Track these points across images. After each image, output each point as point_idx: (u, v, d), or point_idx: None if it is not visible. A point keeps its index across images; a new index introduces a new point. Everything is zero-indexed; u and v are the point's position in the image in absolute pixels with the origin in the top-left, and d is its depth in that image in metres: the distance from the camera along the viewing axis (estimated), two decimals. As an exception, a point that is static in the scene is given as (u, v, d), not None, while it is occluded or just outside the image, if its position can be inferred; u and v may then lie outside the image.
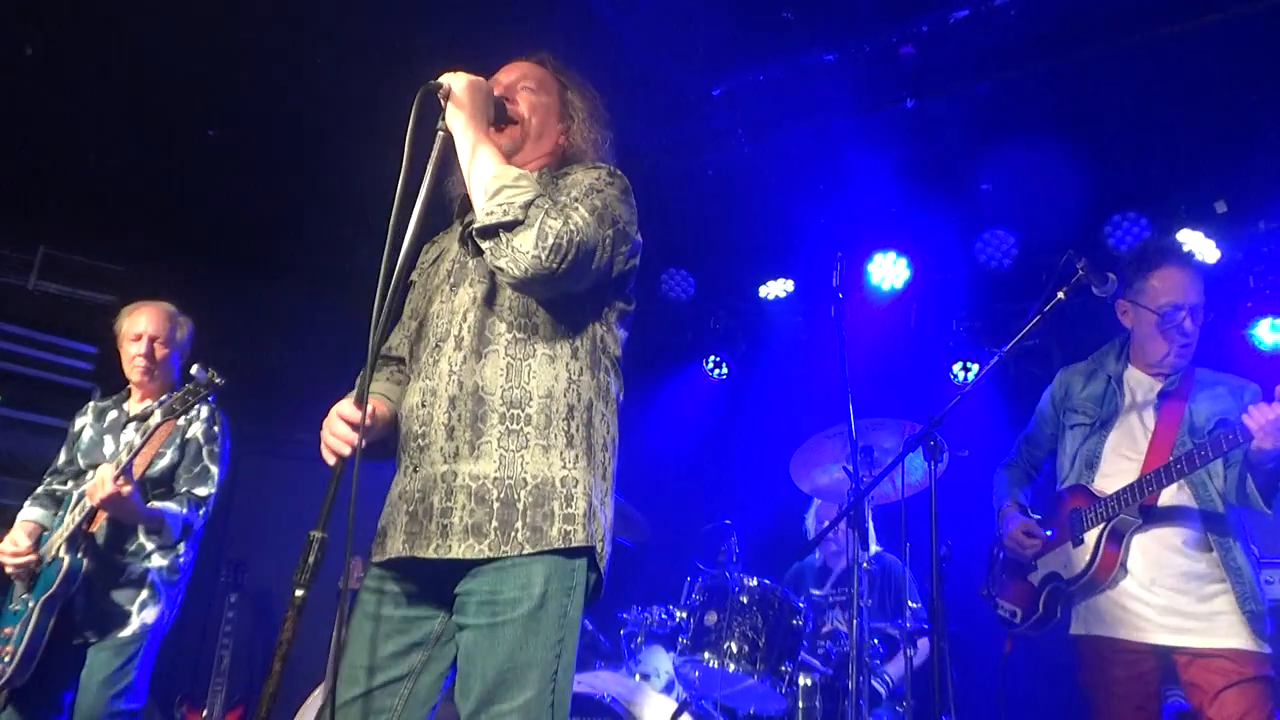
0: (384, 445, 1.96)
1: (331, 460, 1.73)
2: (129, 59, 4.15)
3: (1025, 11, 3.80)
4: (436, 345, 1.88)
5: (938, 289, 5.41)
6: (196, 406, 3.08)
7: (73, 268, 5.07)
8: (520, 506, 1.75)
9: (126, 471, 2.95)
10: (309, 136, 4.54)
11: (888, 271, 5.30)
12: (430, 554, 1.75)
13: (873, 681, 3.67)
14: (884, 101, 4.30)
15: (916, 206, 5.10)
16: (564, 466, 1.79)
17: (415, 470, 1.83)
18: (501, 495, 1.75)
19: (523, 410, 1.80)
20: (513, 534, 1.73)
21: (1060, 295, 2.63)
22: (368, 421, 1.73)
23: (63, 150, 4.65)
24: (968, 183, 4.90)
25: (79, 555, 3.05)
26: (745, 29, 3.97)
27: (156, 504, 3.18)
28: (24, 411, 4.85)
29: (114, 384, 4.92)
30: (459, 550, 1.73)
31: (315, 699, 4.77)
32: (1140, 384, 2.94)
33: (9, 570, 3.10)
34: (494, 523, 1.74)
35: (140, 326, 3.34)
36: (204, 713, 4.81)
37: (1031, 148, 4.49)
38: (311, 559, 1.49)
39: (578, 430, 1.83)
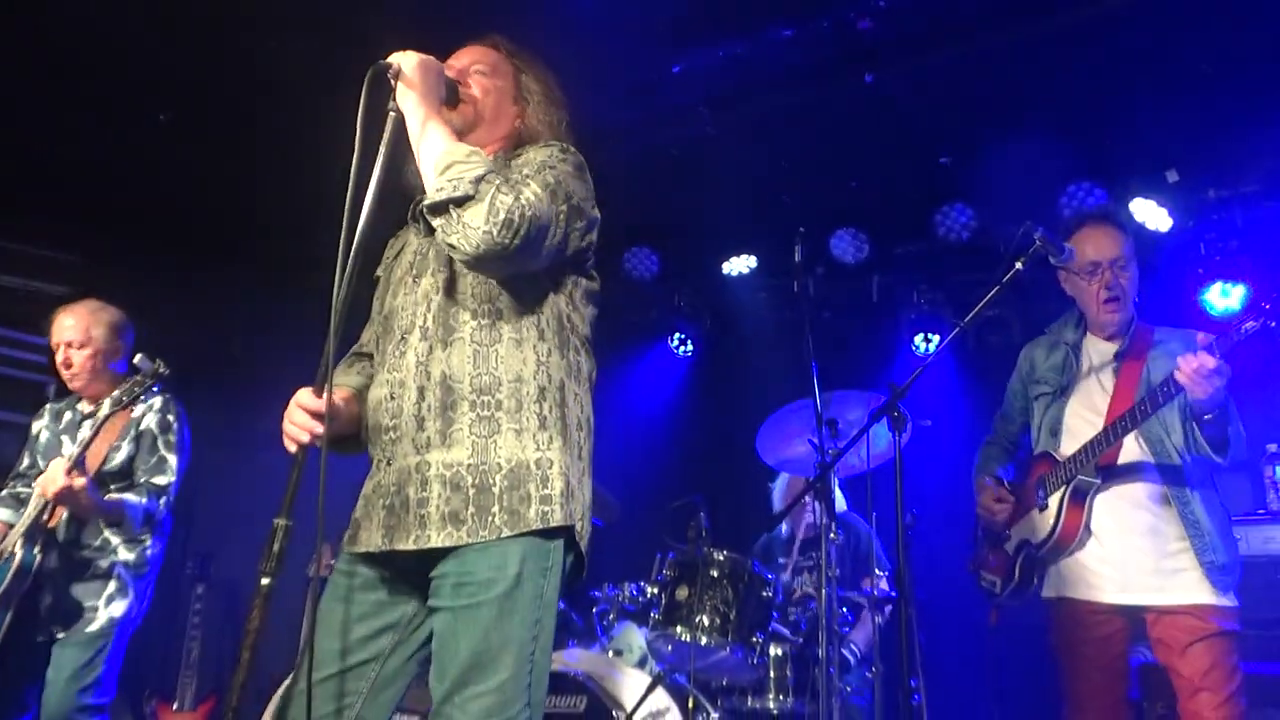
0: (354, 440, 1.95)
1: (293, 448, 1.72)
2: (77, 42, 4.04)
3: (981, -17, 3.83)
4: (402, 338, 1.87)
5: (898, 262, 5.47)
6: (146, 397, 3.05)
7: (24, 259, 4.95)
8: (496, 491, 1.74)
9: (79, 465, 2.92)
10: (265, 121, 4.46)
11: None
12: (410, 545, 1.74)
13: (842, 650, 3.73)
14: (843, 76, 4.31)
15: (877, 180, 5.13)
16: (538, 449, 1.79)
17: (389, 464, 1.82)
18: (476, 481, 1.74)
19: (493, 396, 1.79)
20: (489, 519, 1.73)
21: (1018, 266, 2.66)
22: (321, 405, 1.71)
23: (10, 139, 4.52)
24: (926, 156, 4.94)
25: (34, 550, 3.03)
26: (705, 5, 3.95)
27: (115, 495, 3.15)
28: (-23, 407, 4.75)
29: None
30: (438, 539, 1.73)
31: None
32: (1098, 349, 3.00)
33: None
34: (470, 509, 1.73)
35: (55, 335, 3.31)
36: (174, 706, 4.78)
37: (989, 120, 4.54)
38: (276, 547, 1.48)
39: (550, 411, 1.82)
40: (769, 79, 4.43)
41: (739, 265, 5.71)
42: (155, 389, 3.04)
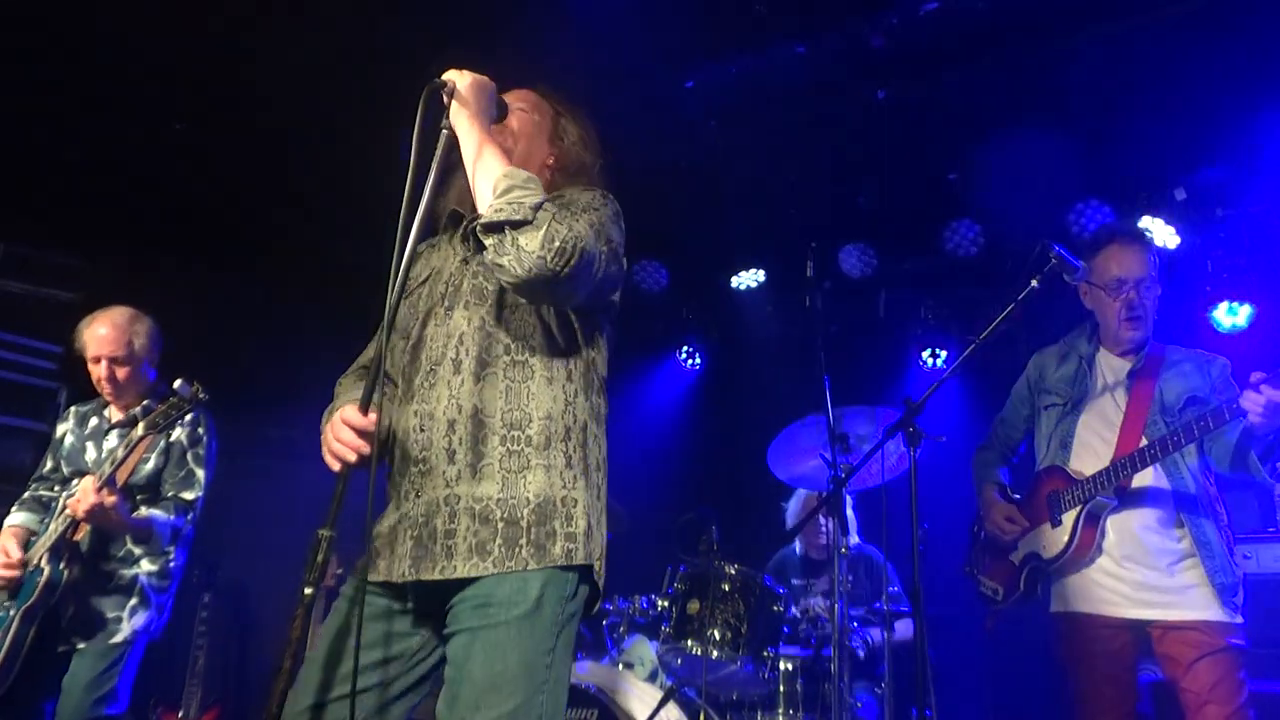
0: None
1: (336, 467, 1.73)
2: (91, 48, 4.06)
3: (993, 3, 3.87)
4: (432, 369, 1.88)
5: (906, 277, 5.49)
6: (182, 420, 3.02)
7: (34, 265, 4.93)
8: (524, 524, 1.77)
9: (110, 483, 2.90)
10: (278, 130, 4.48)
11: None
12: (436, 576, 1.75)
13: (853, 645, 3.72)
14: (854, 92, 4.35)
15: (885, 196, 5.16)
16: (564, 486, 1.82)
17: (418, 495, 1.82)
18: (505, 515, 1.76)
19: (523, 432, 1.81)
20: (517, 550, 1.75)
21: (1034, 283, 2.68)
22: (371, 424, 1.72)
23: (21, 143, 4.54)
24: (935, 172, 4.97)
25: (60, 566, 3.00)
26: (717, 21, 3.99)
27: (144, 511, 3.13)
28: (-14, 413, 4.75)
29: (80, 383, 4.82)
30: (464, 569, 1.74)
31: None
32: (1111, 365, 3.02)
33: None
34: (498, 540, 1.75)
35: (94, 349, 3.25)
36: (179, 714, 4.76)
37: (998, 137, 4.57)
38: (320, 558, 1.49)
39: (575, 451, 1.85)
40: (780, 95, 4.47)
41: (747, 279, 5.74)
42: (194, 414, 2.98)
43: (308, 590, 1.46)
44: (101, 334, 3.24)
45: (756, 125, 4.65)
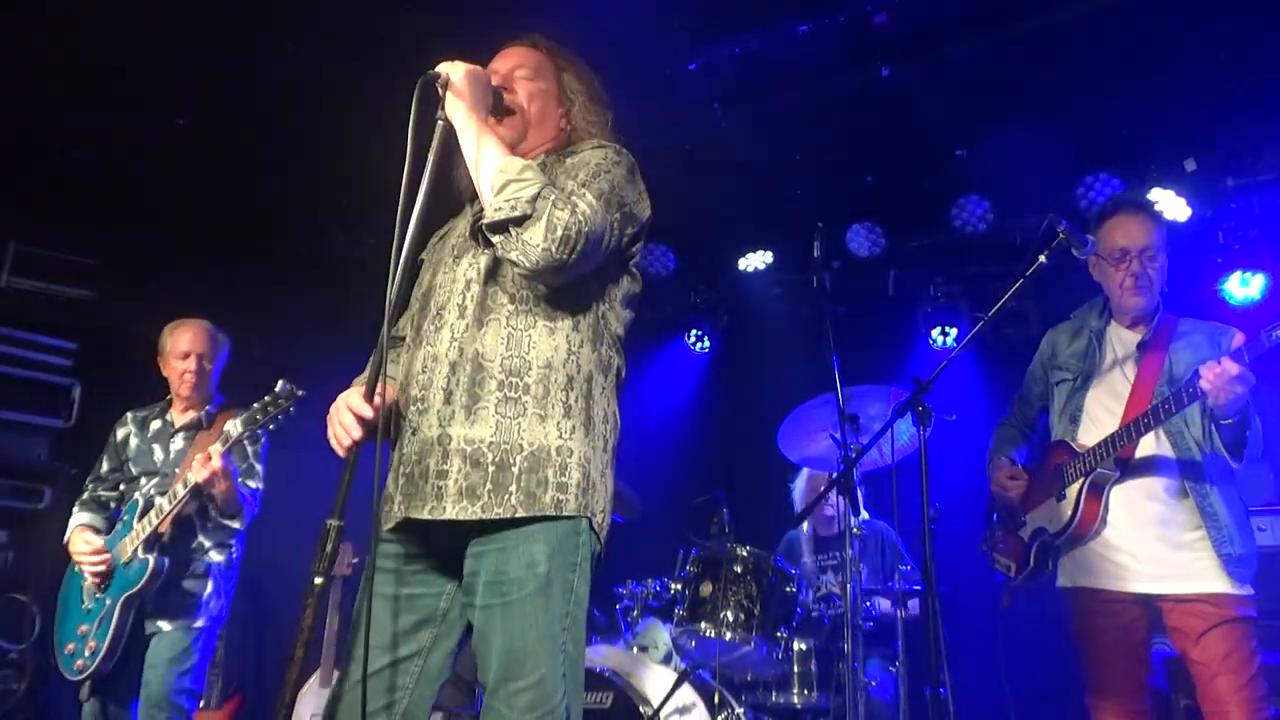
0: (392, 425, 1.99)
1: (341, 451, 1.75)
2: (96, 48, 4.07)
3: (996, -24, 3.82)
4: (438, 313, 1.91)
5: (914, 255, 5.46)
6: (283, 418, 3.13)
7: (46, 263, 4.99)
8: (515, 471, 1.77)
9: (226, 456, 3.11)
10: (283, 124, 4.49)
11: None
12: (425, 515, 1.78)
13: (865, 624, 3.73)
14: (858, 70, 4.31)
15: (892, 174, 5.13)
16: (560, 436, 1.82)
17: (414, 434, 1.86)
18: (497, 459, 1.78)
19: (521, 379, 1.82)
20: (506, 496, 1.76)
21: (1042, 259, 2.66)
22: (371, 414, 1.74)
23: (30, 142, 4.56)
24: (942, 148, 4.93)
25: (156, 554, 3.22)
26: (720, 2, 3.96)
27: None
28: (2, 410, 4.80)
29: (94, 380, 4.88)
30: (452, 511, 1.76)
31: (313, 684, 4.80)
32: (1121, 337, 3.00)
33: (90, 572, 3.27)
34: (488, 485, 1.76)
35: (187, 345, 3.53)
36: (201, 704, 4.82)
37: (1004, 112, 4.53)
38: (330, 547, 1.50)
39: (576, 401, 1.85)
40: (784, 74, 4.43)
41: (755, 261, 5.72)
42: (291, 410, 3.08)
43: (318, 580, 1.48)
44: (195, 333, 3.56)
45: (761, 106, 4.61)
